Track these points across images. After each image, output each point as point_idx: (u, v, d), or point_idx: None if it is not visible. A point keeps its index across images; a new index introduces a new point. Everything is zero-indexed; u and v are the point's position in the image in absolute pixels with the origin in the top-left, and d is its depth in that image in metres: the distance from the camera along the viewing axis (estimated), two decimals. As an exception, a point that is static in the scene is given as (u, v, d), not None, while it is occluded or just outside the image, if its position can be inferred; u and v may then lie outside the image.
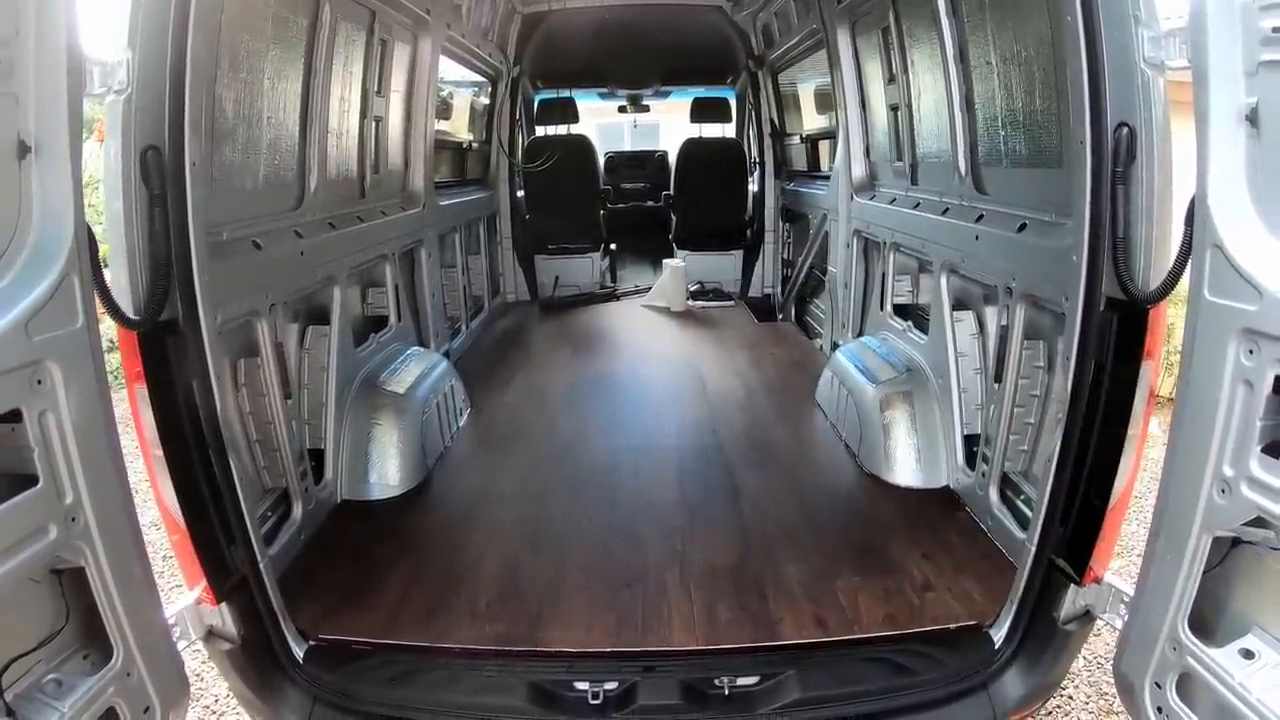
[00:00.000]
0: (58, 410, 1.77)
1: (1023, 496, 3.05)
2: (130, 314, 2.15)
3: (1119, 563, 3.97)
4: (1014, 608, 2.50)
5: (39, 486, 1.75)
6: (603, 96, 10.32)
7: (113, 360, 2.40)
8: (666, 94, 10.15)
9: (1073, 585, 2.34)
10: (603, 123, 13.83)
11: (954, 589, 2.83)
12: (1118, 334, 2.17)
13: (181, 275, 2.26)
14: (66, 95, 1.77)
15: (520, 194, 7.93)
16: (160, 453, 2.27)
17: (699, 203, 8.22)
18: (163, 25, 2.14)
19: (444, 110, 6.91)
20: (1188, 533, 1.86)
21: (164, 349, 2.27)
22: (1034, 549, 2.44)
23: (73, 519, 1.82)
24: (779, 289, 7.58)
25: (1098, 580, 2.32)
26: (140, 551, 2.05)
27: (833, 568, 2.99)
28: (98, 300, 1.94)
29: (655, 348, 6.31)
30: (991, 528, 3.15)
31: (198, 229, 2.28)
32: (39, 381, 1.73)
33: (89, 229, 1.88)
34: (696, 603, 2.82)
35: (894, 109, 4.52)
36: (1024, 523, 2.89)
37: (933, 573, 2.92)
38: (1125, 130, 2.03)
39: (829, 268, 5.62)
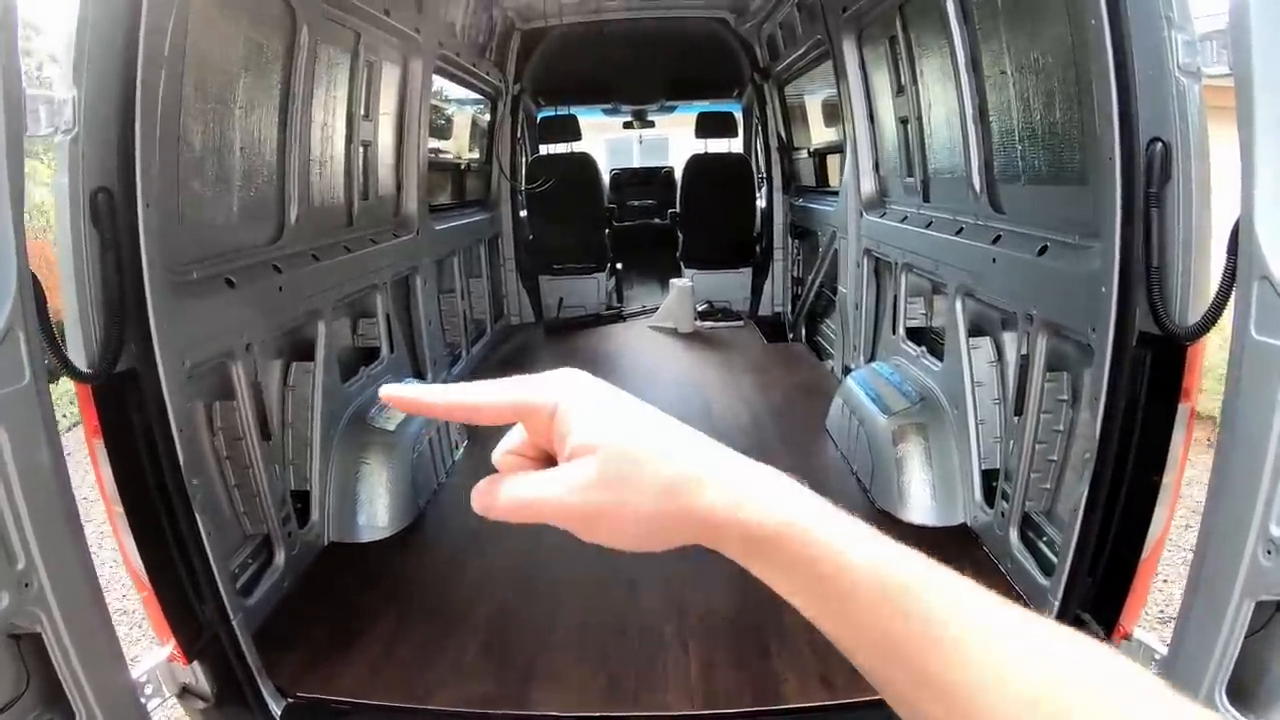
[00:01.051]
0: (4, 473, 1.68)
1: (1045, 538, 2.85)
2: (84, 366, 2.05)
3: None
4: (1035, 666, 2.30)
5: (-14, 553, 1.65)
6: (607, 113, 10.21)
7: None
8: (672, 109, 10.02)
9: None
10: (611, 138, 13.77)
11: None
12: (1152, 373, 1.98)
13: (138, 323, 2.15)
14: (5, 137, 1.66)
15: (523, 214, 7.78)
16: (121, 509, 2.16)
17: (706, 220, 8.03)
18: (110, 60, 2.04)
19: (441, 131, 6.79)
20: (1228, 595, 1.67)
21: (122, 401, 2.18)
22: (1058, 603, 2.28)
23: (26, 584, 1.73)
24: (789, 308, 7.39)
25: (1127, 637, 2.14)
26: (102, 613, 1.95)
27: None
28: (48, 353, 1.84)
29: (661, 372, 6.15)
30: (1011, 570, 2.94)
31: (154, 274, 2.19)
32: (-18, 444, 1.63)
33: (34, 278, 1.78)
34: (694, 659, 2.64)
35: (903, 122, 4.34)
36: (1046, 567, 2.71)
37: None
38: (1159, 146, 1.85)
39: (839, 287, 5.43)
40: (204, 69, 2.74)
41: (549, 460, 0.61)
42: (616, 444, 0.56)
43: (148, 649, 2.59)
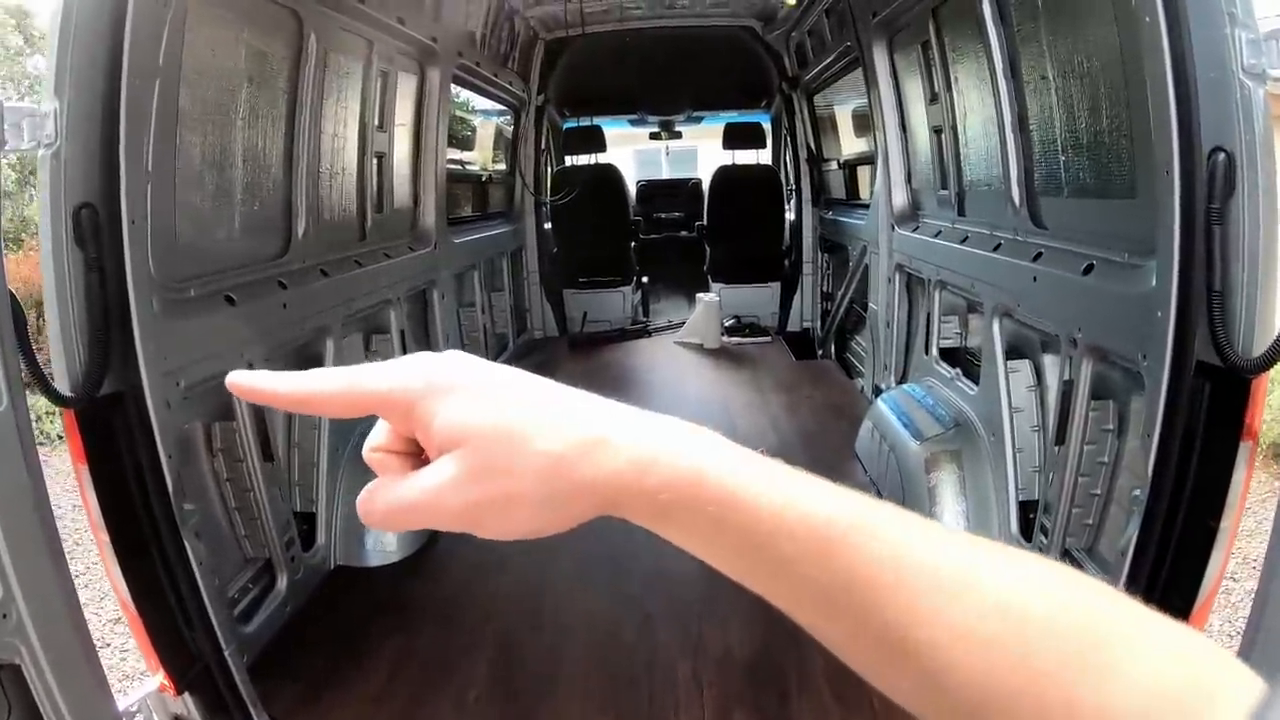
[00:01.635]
0: None
1: (1087, 579, 2.64)
2: (66, 390, 1.98)
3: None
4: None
5: (-41, 584, 1.60)
6: (633, 123, 10.10)
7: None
8: (699, 119, 9.87)
9: None
10: (640, 149, 13.69)
11: None
12: (1210, 406, 1.80)
13: (124, 344, 2.08)
14: None
15: (547, 226, 7.68)
16: (107, 537, 2.08)
17: (733, 233, 7.86)
18: (95, 71, 1.96)
19: (463, 142, 6.71)
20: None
21: (107, 426, 2.10)
22: None
23: (3, 615, 1.67)
24: (818, 324, 7.20)
25: None
26: (86, 645, 1.88)
27: None
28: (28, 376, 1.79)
29: (686, 390, 6.00)
30: None
31: (141, 293, 2.11)
32: (-45, 472, 1.58)
33: (12, 296, 1.72)
34: (709, 703, 2.48)
35: (937, 131, 4.15)
36: (1086, 609, 2.50)
37: None
38: (1221, 156, 1.66)
39: (870, 304, 5.25)
40: (203, 79, 2.65)
41: (421, 451, 0.54)
42: (484, 427, 0.50)
43: (142, 675, 2.54)
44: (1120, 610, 0.46)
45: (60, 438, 6.16)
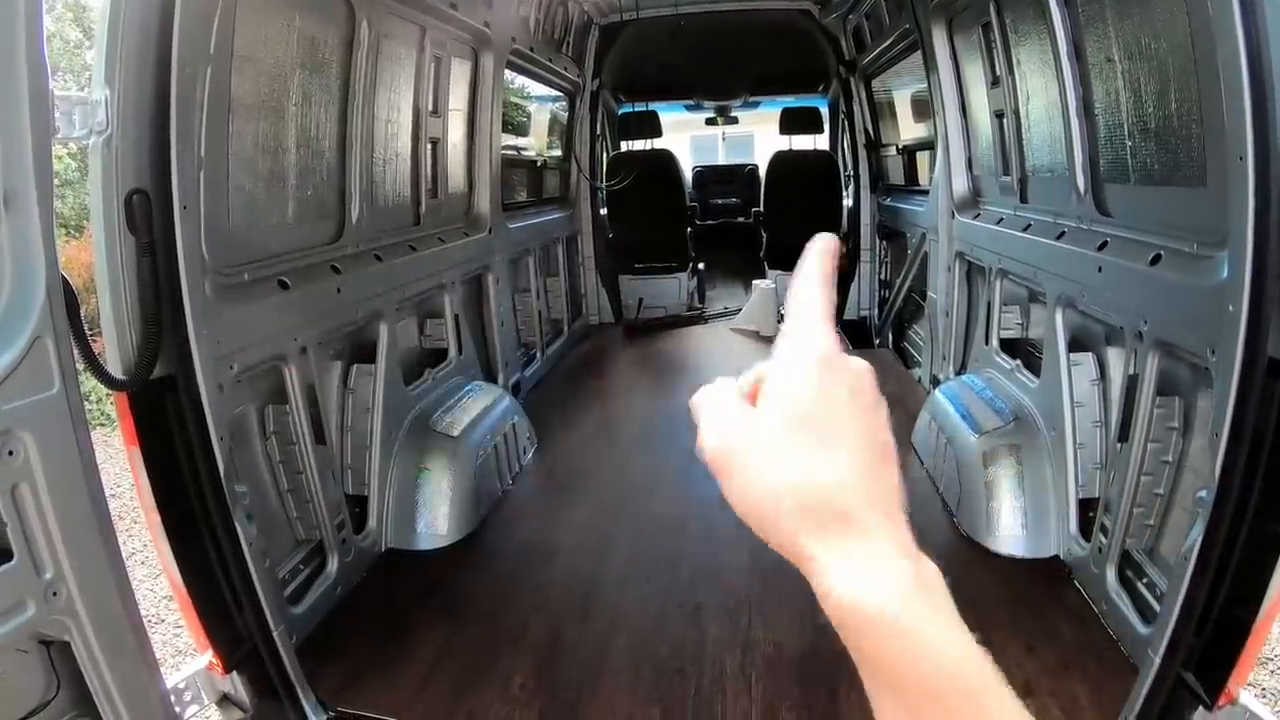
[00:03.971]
0: (32, 481, 1.67)
1: (1146, 580, 2.55)
2: (119, 373, 2.02)
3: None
4: (1129, 728, 2.04)
5: (13, 562, 1.64)
6: (689, 109, 10.02)
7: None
8: (755, 105, 9.76)
9: (1202, 708, 1.94)
10: (696, 135, 13.60)
11: (1059, 693, 2.36)
12: (1282, 407, 1.70)
13: (176, 328, 2.11)
14: (31, 141, 1.63)
15: (603, 212, 7.66)
16: (158, 518, 2.13)
17: (790, 219, 7.74)
18: (144, 60, 1.98)
19: (518, 127, 6.71)
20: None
21: (159, 409, 2.14)
22: (1159, 660, 2.01)
23: (54, 593, 1.72)
24: (876, 312, 7.07)
25: (1232, 701, 1.92)
26: (135, 623, 1.92)
27: None
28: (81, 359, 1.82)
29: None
30: (1106, 613, 2.66)
31: (193, 278, 2.14)
32: (9, 453, 1.62)
33: (65, 282, 1.75)
34: (756, 699, 2.44)
35: (999, 116, 4.02)
36: (1145, 612, 2.44)
37: (1035, 670, 2.46)
38: (1299, 141, 1.57)
39: (929, 293, 5.12)
40: (255, 66, 2.69)
41: None
42: (760, 436, 0.55)
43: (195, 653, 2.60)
44: None
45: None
